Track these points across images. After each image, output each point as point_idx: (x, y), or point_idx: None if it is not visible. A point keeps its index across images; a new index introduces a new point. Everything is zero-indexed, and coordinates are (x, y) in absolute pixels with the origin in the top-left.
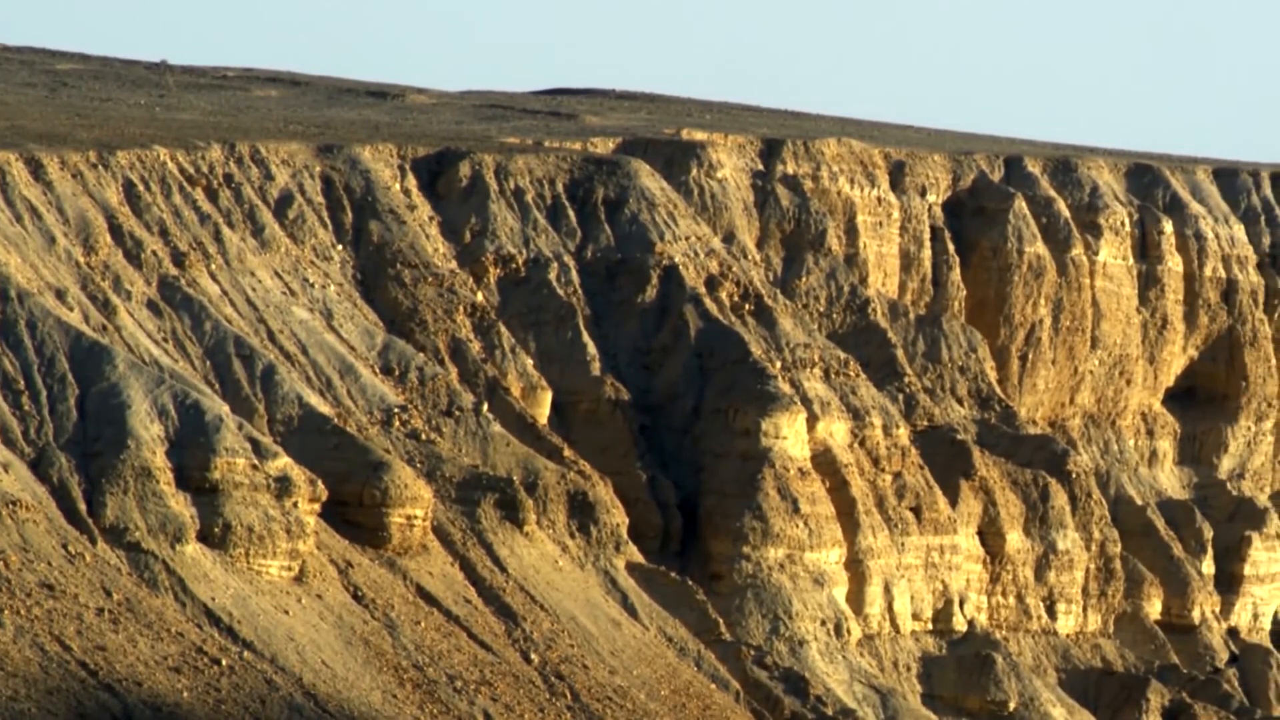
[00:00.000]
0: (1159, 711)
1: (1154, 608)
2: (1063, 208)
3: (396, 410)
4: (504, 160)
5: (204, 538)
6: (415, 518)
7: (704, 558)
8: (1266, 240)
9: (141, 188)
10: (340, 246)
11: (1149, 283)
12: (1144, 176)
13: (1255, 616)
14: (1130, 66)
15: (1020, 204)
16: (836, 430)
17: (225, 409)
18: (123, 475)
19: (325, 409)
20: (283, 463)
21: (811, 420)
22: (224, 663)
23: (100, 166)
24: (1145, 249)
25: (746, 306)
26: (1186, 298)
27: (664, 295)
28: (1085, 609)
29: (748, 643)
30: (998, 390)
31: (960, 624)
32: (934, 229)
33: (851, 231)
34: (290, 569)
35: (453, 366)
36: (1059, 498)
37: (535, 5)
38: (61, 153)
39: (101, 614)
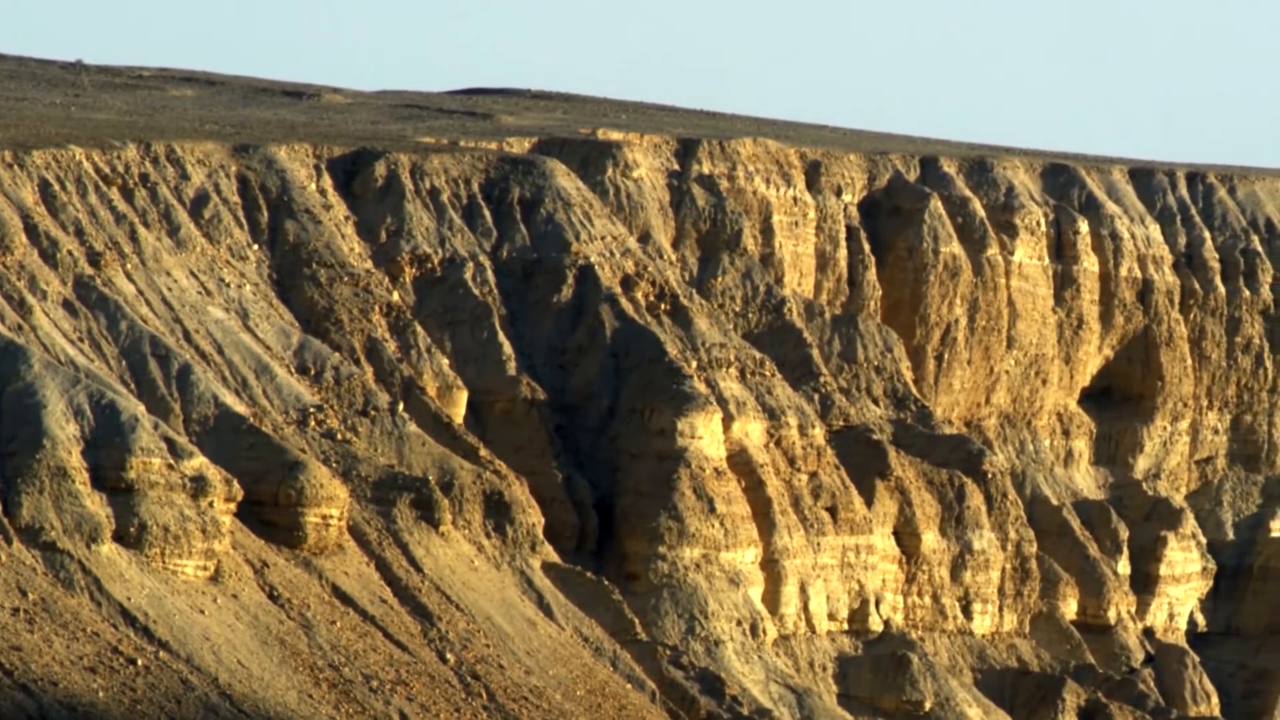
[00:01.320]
0: (1074, 711)
1: (1069, 608)
2: (978, 208)
3: (312, 410)
4: (420, 160)
5: (120, 537)
6: (331, 517)
7: (620, 557)
8: (1182, 240)
9: (57, 187)
10: (256, 246)
11: (1065, 283)
12: (1059, 176)
13: (1171, 616)
14: (1046, 66)
15: (936, 204)
16: (752, 430)
17: (141, 408)
18: (38, 475)
19: (241, 408)
20: (198, 462)
21: (727, 420)
22: (140, 662)
23: (15, 166)
24: (1061, 249)
25: (662, 306)
26: (1102, 298)
27: (580, 295)
28: (1001, 609)
29: (663, 642)
30: (913, 390)
31: (876, 624)
32: (850, 229)
33: (767, 231)
34: (206, 568)
35: (368, 366)
36: (975, 498)
37: (451, 5)
38: None
39: (17, 614)
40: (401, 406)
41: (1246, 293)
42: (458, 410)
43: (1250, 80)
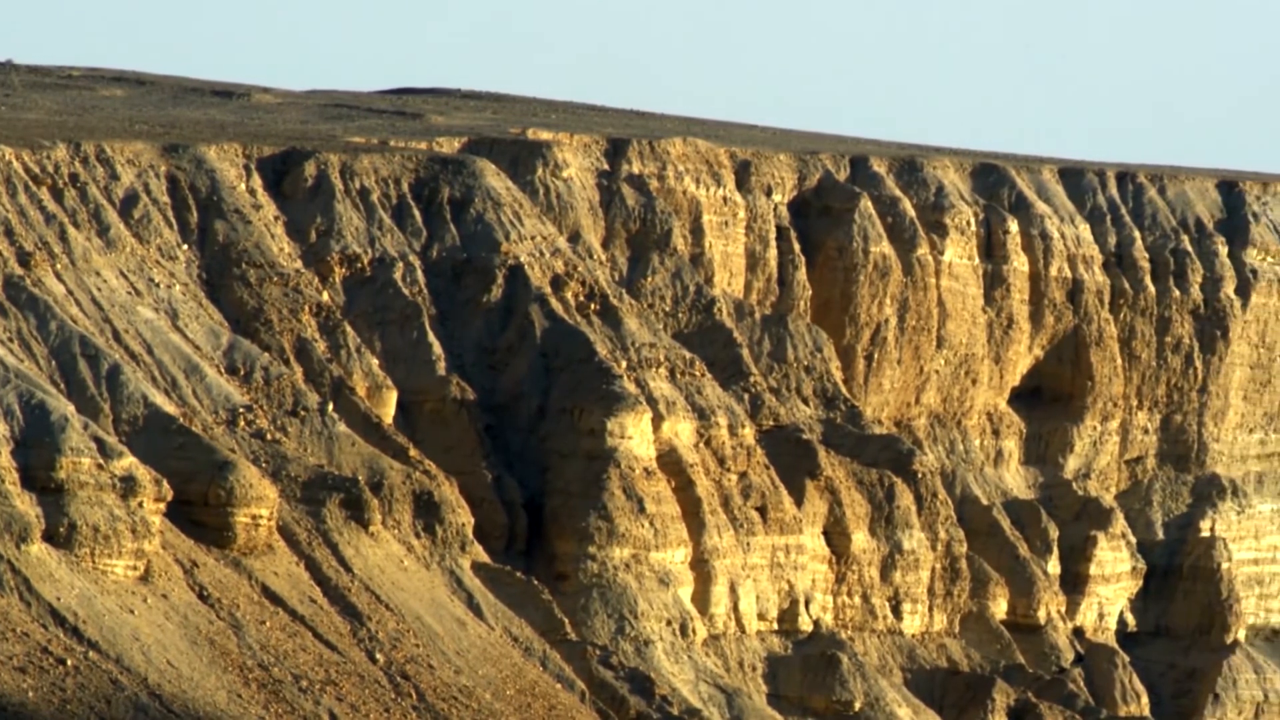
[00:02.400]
0: (1004, 711)
1: (999, 607)
2: (908, 207)
3: (242, 410)
4: (349, 160)
5: (49, 537)
6: (260, 517)
7: (549, 557)
8: (1112, 240)
9: None
10: (186, 246)
11: (994, 282)
12: (989, 176)
13: (1101, 616)
14: (976, 66)
15: (866, 204)
16: (682, 430)
17: (70, 408)
18: None
19: (171, 408)
20: (128, 462)
21: (657, 420)
22: (69, 663)
23: None
24: (991, 248)
25: (592, 306)
26: (1032, 297)
27: (509, 295)
28: (931, 609)
29: (593, 642)
30: (843, 390)
31: (806, 624)
32: (780, 229)
33: (697, 231)
34: (136, 568)
35: (298, 366)
36: (904, 497)
37: (381, 5)
38: None
39: None
40: (331, 407)
41: (1176, 292)
42: (387, 410)
43: (1180, 80)
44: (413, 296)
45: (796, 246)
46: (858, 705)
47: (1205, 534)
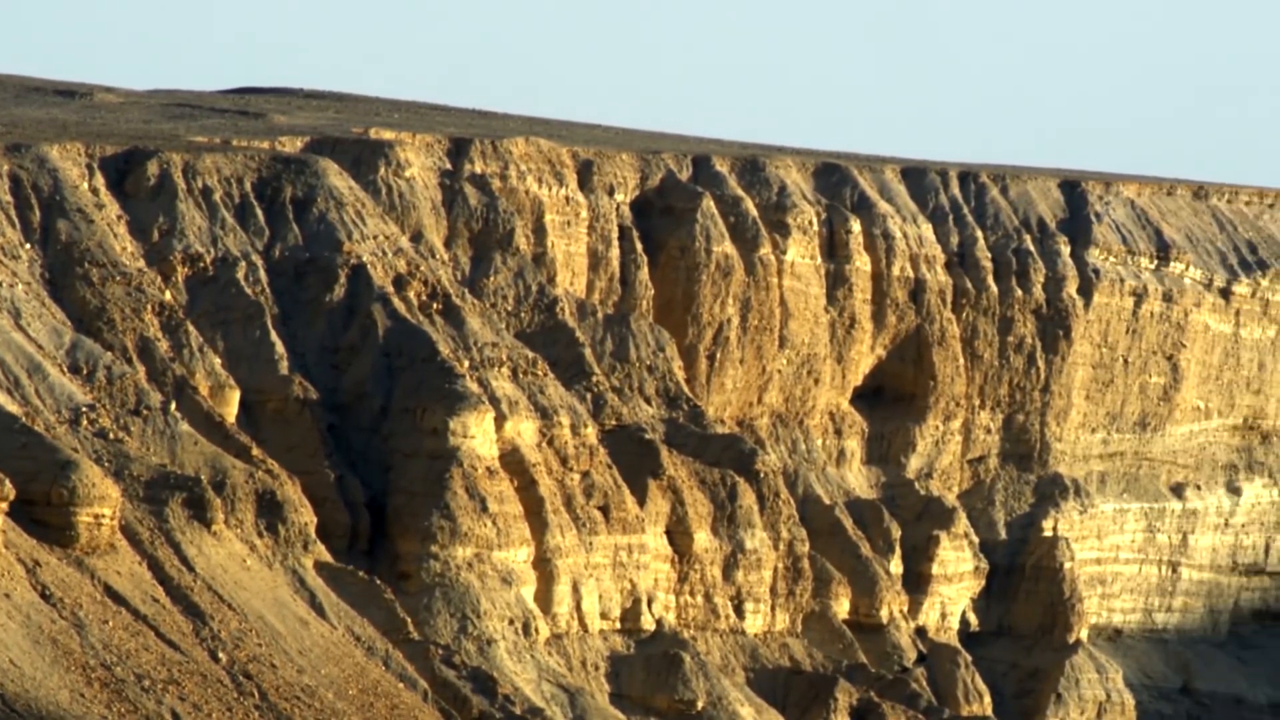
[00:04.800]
0: (847, 710)
1: (842, 607)
2: (751, 207)
3: (85, 409)
4: (192, 159)
5: None
6: (103, 517)
7: (392, 557)
8: (955, 239)
9: None
10: (28, 245)
11: (837, 282)
12: (832, 176)
13: (943, 616)
14: (818, 66)
15: (708, 203)
16: (524, 429)
17: None
18: None
19: (13, 408)
20: None
21: (499, 419)
22: None
23: None
24: (833, 248)
25: (434, 306)
26: (874, 297)
27: (352, 294)
28: (773, 608)
29: (436, 642)
30: (686, 389)
31: (648, 623)
32: (622, 228)
33: (540, 231)
34: None
35: (141, 365)
36: (747, 497)
37: (223, 4)
38: None
39: None
40: (174, 406)
41: (1019, 292)
42: (230, 410)
43: (1022, 80)
44: (255, 296)
45: (639, 246)
46: (700, 705)
47: (1048, 534)
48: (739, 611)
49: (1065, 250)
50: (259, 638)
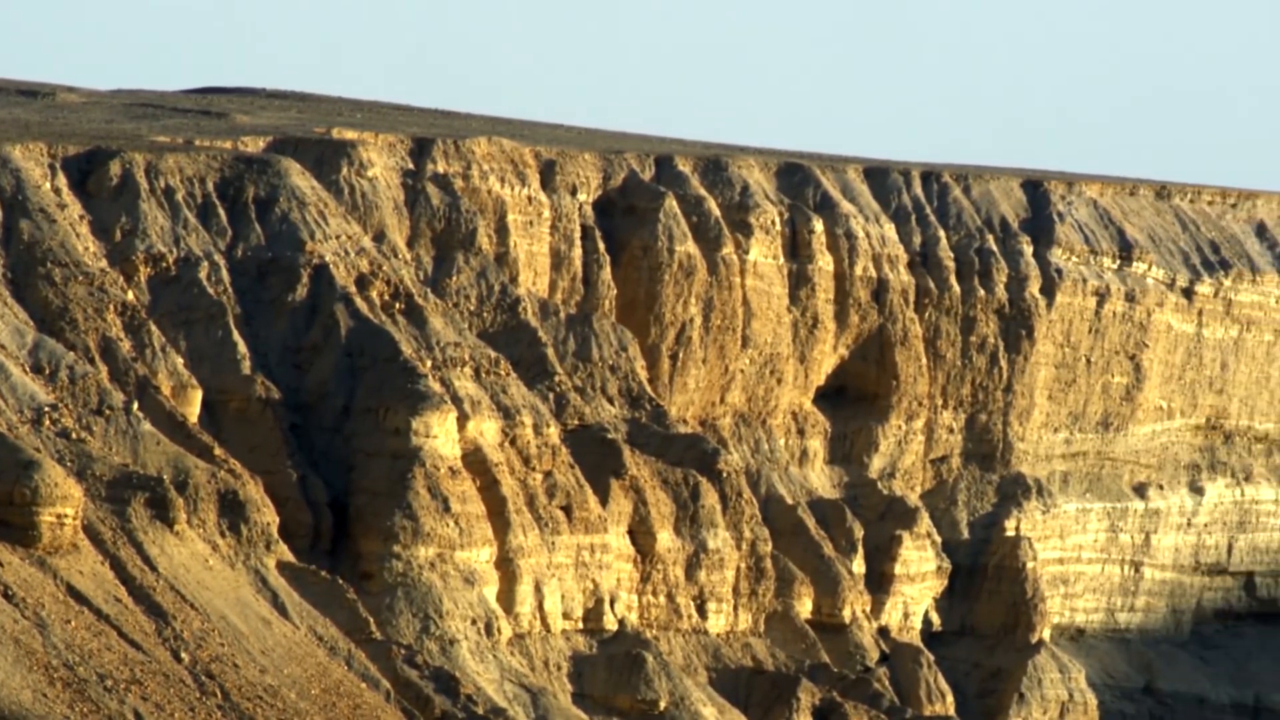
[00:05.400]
0: (810, 710)
1: (805, 607)
2: (713, 207)
3: (47, 409)
4: (154, 159)
5: None
6: (66, 516)
7: (354, 557)
8: (917, 239)
9: None
10: None
11: (800, 282)
12: (794, 176)
13: (906, 615)
14: (781, 66)
15: (671, 203)
16: (487, 429)
17: None
18: None
19: None
20: None
21: (462, 419)
22: None
23: None
24: (796, 248)
25: (397, 305)
26: (837, 297)
27: (314, 294)
28: (736, 608)
29: (398, 642)
30: (648, 389)
31: (611, 623)
32: (585, 228)
33: (502, 230)
34: None
35: (103, 365)
36: (709, 497)
37: (186, 5)
38: None
39: None
40: (136, 406)
41: (981, 292)
42: (192, 409)
43: (985, 80)
44: (217, 295)
45: (601, 246)
46: (663, 704)
47: (1010, 533)
48: (701, 611)
49: (1028, 250)
50: (221, 637)
